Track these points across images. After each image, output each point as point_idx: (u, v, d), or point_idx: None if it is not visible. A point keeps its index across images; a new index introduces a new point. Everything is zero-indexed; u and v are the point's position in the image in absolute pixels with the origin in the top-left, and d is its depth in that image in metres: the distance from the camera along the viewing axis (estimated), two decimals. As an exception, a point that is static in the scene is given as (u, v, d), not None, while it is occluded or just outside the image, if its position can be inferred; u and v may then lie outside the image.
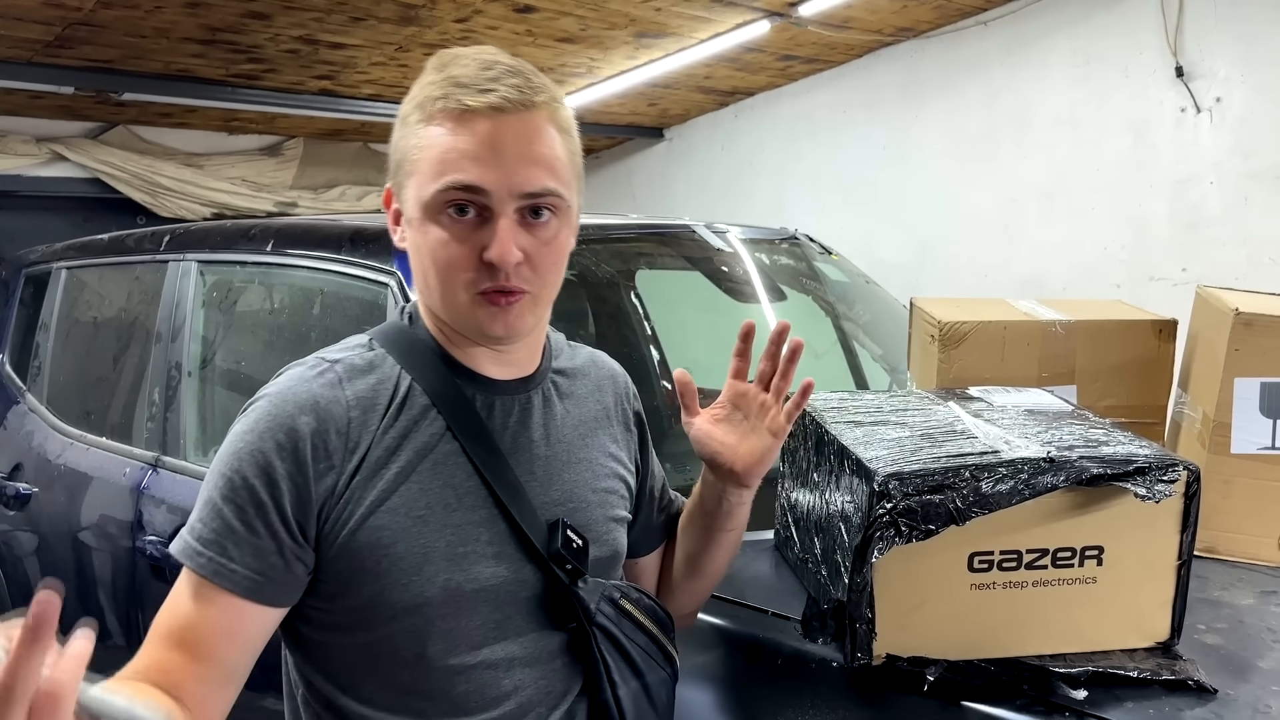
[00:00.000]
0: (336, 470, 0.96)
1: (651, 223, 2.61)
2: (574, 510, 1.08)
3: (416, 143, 0.99)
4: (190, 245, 2.47)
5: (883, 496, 1.15)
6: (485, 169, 0.95)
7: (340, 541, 0.96)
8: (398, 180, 1.03)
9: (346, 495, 0.96)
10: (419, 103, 1.00)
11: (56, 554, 2.57)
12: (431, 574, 0.97)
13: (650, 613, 1.12)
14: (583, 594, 1.04)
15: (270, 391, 0.99)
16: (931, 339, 1.74)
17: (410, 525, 0.97)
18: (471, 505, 1.01)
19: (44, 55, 4.52)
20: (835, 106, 5.48)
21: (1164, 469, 1.19)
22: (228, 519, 0.94)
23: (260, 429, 0.96)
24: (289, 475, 0.94)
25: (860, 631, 1.20)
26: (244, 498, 0.94)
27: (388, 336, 1.07)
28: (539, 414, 1.10)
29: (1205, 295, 1.71)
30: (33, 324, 3.04)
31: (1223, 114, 3.97)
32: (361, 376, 1.02)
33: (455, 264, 0.97)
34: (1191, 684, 1.16)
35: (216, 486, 0.96)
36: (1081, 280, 4.38)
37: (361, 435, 0.98)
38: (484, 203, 0.96)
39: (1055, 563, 1.21)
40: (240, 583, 0.94)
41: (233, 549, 0.94)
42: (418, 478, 0.99)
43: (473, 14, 4.27)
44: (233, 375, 2.39)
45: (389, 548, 0.96)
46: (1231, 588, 1.49)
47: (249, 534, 0.94)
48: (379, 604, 0.96)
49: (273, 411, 0.96)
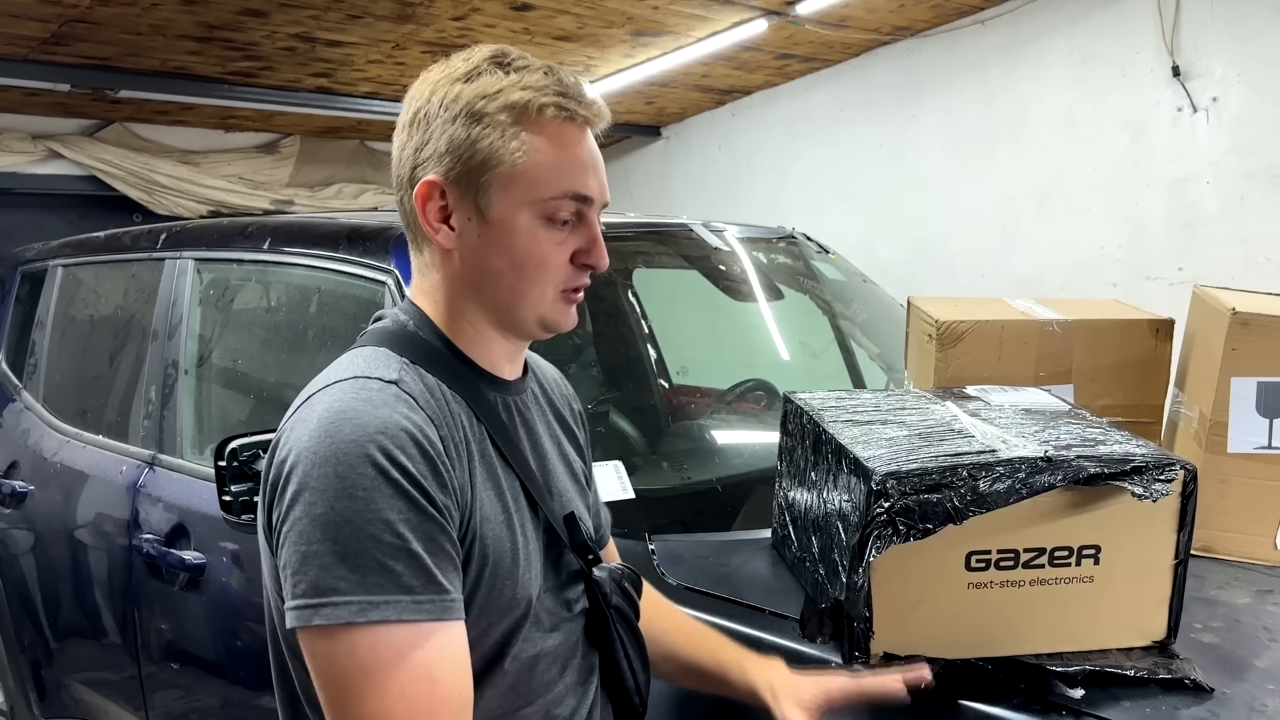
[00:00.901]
0: (451, 485, 0.94)
1: (649, 221, 2.61)
2: (569, 502, 1.13)
3: (518, 145, 0.99)
4: (187, 243, 2.47)
5: (880, 495, 1.15)
6: (592, 178, 1.03)
7: (465, 551, 0.96)
8: (470, 177, 1.00)
9: (463, 507, 0.96)
10: (510, 104, 0.99)
11: (52, 552, 2.57)
12: (519, 575, 1.01)
13: (636, 587, 1.17)
14: (600, 580, 1.09)
15: (373, 424, 0.90)
16: (929, 338, 1.74)
17: (498, 530, 1.00)
18: (519, 506, 1.04)
19: (40, 52, 4.51)
20: (832, 105, 5.48)
21: (1161, 468, 1.19)
22: (424, 556, 0.89)
23: (401, 460, 0.89)
24: (441, 494, 0.92)
25: (858, 630, 1.20)
26: (429, 528, 0.90)
27: (403, 344, 1.03)
28: (534, 411, 1.14)
29: (1202, 295, 1.71)
30: (29, 322, 3.03)
31: (1219, 114, 3.98)
32: (421, 393, 0.97)
33: (556, 265, 1.02)
34: (1188, 683, 1.16)
35: (393, 533, 0.87)
36: (1078, 279, 4.39)
37: (454, 450, 0.96)
38: (584, 210, 1.03)
39: (1052, 562, 1.21)
40: (459, 607, 0.92)
41: (444, 580, 0.90)
42: (484, 486, 1.00)
43: (470, 12, 4.27)
44: (229, 373, 2.38)
45: (490, 554, 0.98)
46: (1228, 587, 1.50)
47: (446, 560, 0.91)
48: (486, 611, 0.98)
49: (398, 442, 0.90)
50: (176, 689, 2.23)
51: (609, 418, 2.17)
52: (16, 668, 2.79)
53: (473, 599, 0.97)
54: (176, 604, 2.14)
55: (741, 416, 2.49)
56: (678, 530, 1.70)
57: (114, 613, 2.36)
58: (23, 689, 2.77)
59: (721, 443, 2.40)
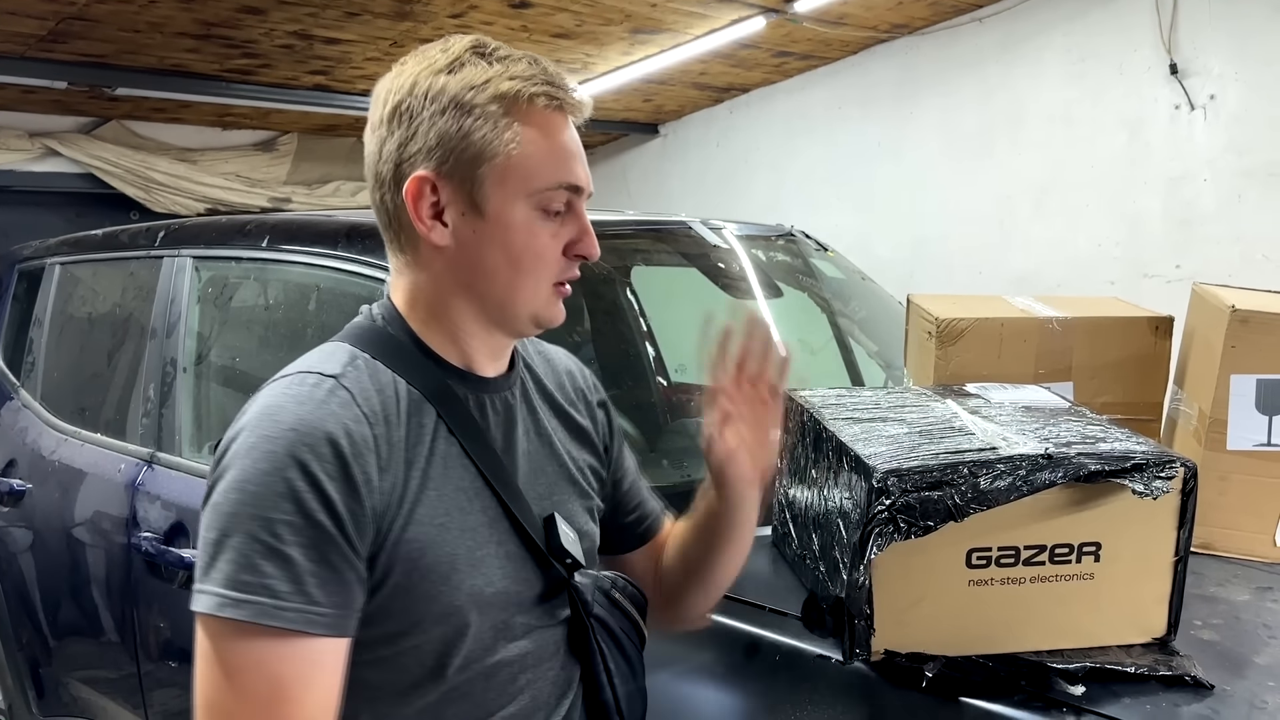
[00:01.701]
0: (375, 488, 0.92)
1: (647, 219, 2.61)
2: (559, 503, 1.09)
3: (512, 136, 0.97)
4: (185, 241, 2.46)
5: (881, 493, 1.15)
6: (582, 169, 1.02)
7: (380, 560, 0.93)
8: (462, 171, 0.98)
9: (385, 513, 0.93)
10: (498, 94, 0.97)
11: (51, 550, 2.56)
12: (458, 582, 0.96)
13: (634, 599, 1.13)
14: (581, 587, 1.05)
15: (289, 420, 0.90)
16: (928, 335, 1.74)
17: (435, 534, 0.96)
18: (480, 507, 1.00)
19: (37, 50, 4.50)
20: (830, 103, 5.48)
21: (1161, 466, 1.19)
22: (300, 563, 0.87)
23: (303, 460, 0.88)
24: (346, 503, 0.89)
25: (859, 628, 1.20)
26: (313, 535, 0.87)
27: (366, 340, 1.02)
28: (521, 409, 1.09)
29: (1201, 292, 1.71)
30: (26, 320, 3.02)
31: (1216, 111, 3.98)
32: (367, 389, 0.96)
33: (550, 257, 1.00)
34: (1188, 679, 1.16)
35: (271, 533, 0.86)
36: (1075, 277, 4.39)
37: (389, 450, 0.94)
38: (574, 200, 1.01)
39: (1053, 559, 1.21)
40: (334, 624, 0.89)
41: (317, 592, 0.87)
42: (433, 484, 0.97)
43: (468, 9, 4.26)
44: (228, 371, 2.38)
45: (418, 560, 0.94)
46: (1228, 584, 1.50)
47: (329, 571, 0.88)
48: (409, 618, 0.95)
49: (308, 441, 0.89)
50: (175, 687, 2.23)
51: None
52: (15, 666, 2.79)
53: (393, 606, 0.93)
54: (175, 602, 2.13)
55: (740, 414, 2.48)
56: (677, 528, 1.70)
57: (113, 611, 2.35)
58: (21, 687, 2.77)
59: (720, 440, 2.39)
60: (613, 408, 1.26)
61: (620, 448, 1.25)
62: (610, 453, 1.23)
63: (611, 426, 1.24)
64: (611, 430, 1.24)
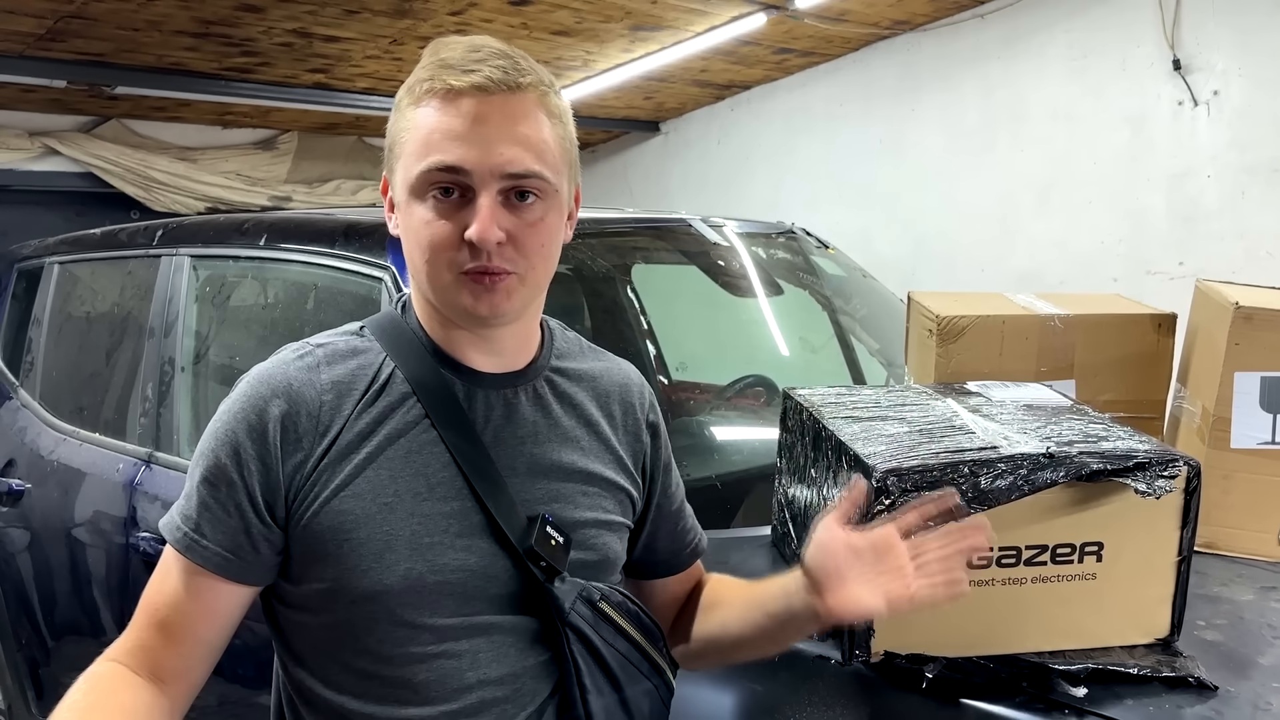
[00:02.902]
0: (305, 452, 0.97)
1: (648, 217, 2.60)
2: (559, 509, 1.05)
3: (405, 125, 0.99)
4: (183, 240, 2.46)
5: (881, 492, 1.14)
6: (467, 148, 0.95)
7: (304, 524, 0.97)
8: (390, 166, 1.03)
9: (313, 478, 0.97)
10: (409, 86, 1.00)
11: (49, 550, 2.56)
12: (392, 561, 0.96)
13: (634, 619, 1.07)
14: (557, 592, 1.01)
15: (251, 374, 1.02)
16: (929, 333, 1.73)
17: (376, 511, 0.97)
18: (444, 496, 0.99)
19: (36, 48, 4.49)
20: (831, 100, 5.47)
21: (1164, 465, 1.18)
22: (204, 497, 0.98)
23: (235, 410, 0.99)
24: (258, 456, 0.96)
25: (858, 629, 1.19)
26: (217, 476, 0.97)
27: (379, 324, 1.08)
28: (528, 410, 1.06)
29: (1205, 289, 1.70)
30: (25, 319, 3.02)
31: (1220, 107, 3.97)
32: (342, 361, 1.02)
33: (439, 243, 0.97)
34: (1192, 681, 1.15)
35: (197, 464, 0.99)
36: (1078, 274, 4.38)
37: (334, 419, 0.99)
38: (466, 182, 0.96)
39: (1055, 559, 1.20)
40: (211, 559, 0.97)
41: (206, 527, 0.97)
42: (388, 464, 0.99)
43: (467, 6, 4.25)
44: (226, 370, 2.37)
45: (350, 532, 0.96)
46: (1231, 583, 1.49)
47: (222, 513, 0.97)
48: (339, 589, 0.97)
49: (249, 393, 0.99)
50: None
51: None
52: (14, 666, 2.78)
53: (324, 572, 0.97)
54: (174, 602, 2.12)
55: (740, 412, 2.48)
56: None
57: (112, 611, 2.35)
58: (21, 687, 2.77)
59: (720, 439, 2.39)
60: (665, 436, 1.21)
61: (667, 476, 1.21)
62: (652, 477, 1.18)
63: (659, 451, 1.19)
64: (659, 455, 1.19)
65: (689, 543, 1.24)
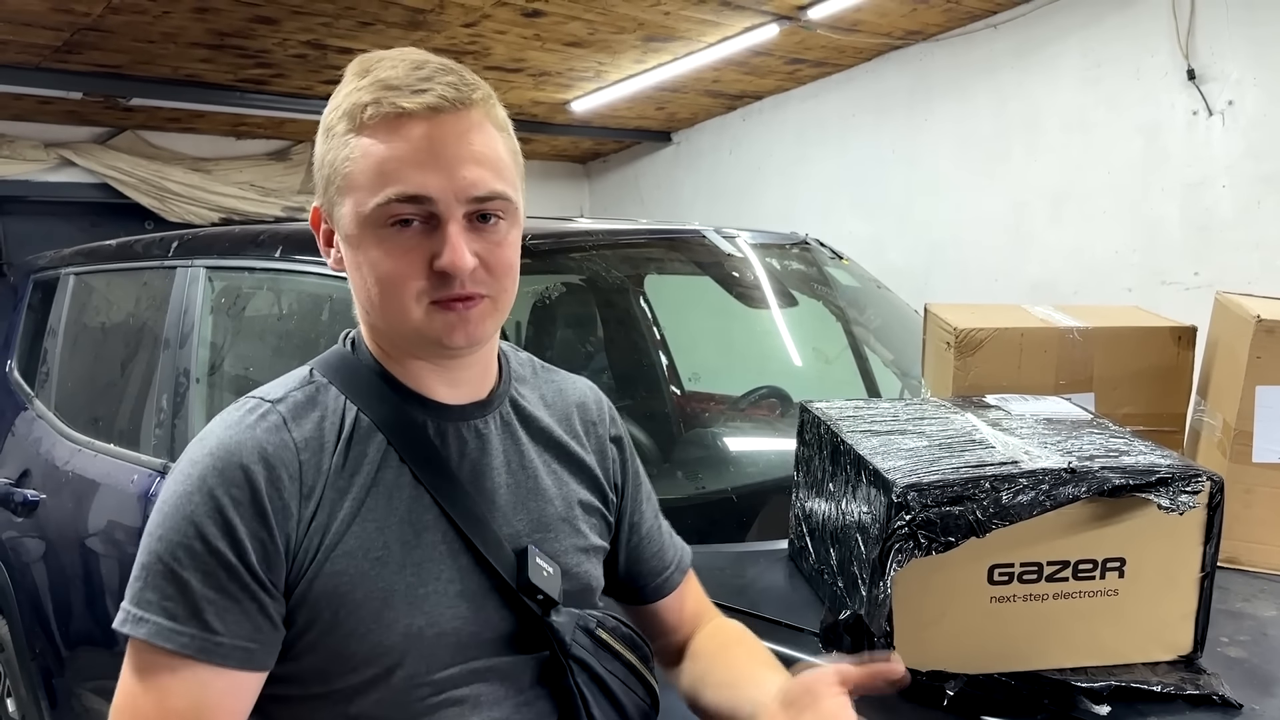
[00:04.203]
0: (295, 518, 0.90)
1: (660, 228, 2.60)
2: (541, 539, 1.02)
3: (348, 154, 0.92)
4: (198, 251, 2.47)
5: (901, 508, 1.13)
6: (428, 174, 0.90)
7: (301, 592, 0.90)
8: (329, 198, 0.96)
9: (305, 543, 0.90)
10: (346, 111, 0.93)
11: (64, 560, 2.56)
12: (391, 620, 0.91)
13: (628, 641, 1.06)
14: (557, 625, 0.98)
15: (210, 445, 0.91)
16: (947, 346, 1.72)
17: (369, 568, 0.91)
18: (431, 541, 0.95)
19: (53, 60, 4.53)
20: (844, 110, 5.47)
21: (1187, 479, 1.16)
22: (197, 589, 0.86)
23: (210, 486, 0.88)
24: (253, 532, 0.88)
25: (878, 645, 1.18)
26: (210, 563, 0.87)
27: (329, 365, 1.01)
28: (498, 439, 1.03)
29: (1225, 302, 1.68)
30: (41, 330, 3.03)
31: (1235, 117, 3.95)
32: (306, 414, 0.95)
33: (404, 277, 0.91)
34: (1216, 698, 1.14)
35: (172, 556, 0.87)
36: (1092, 284, 4.36)
37: (315, 478, 0.92)
38: (431, 210, 0.90)
39: (1076, 575, 1.19)
40: (234, 655, 0.87)
41: (216, 621, 0.86)
42: (372, 515, 0.93)
43: (481, 18, 4.27)
44: (241, 382, 2.38)
45: (347, 594, 0.90)
46: (1254, 599, 1.47)
47: (229, 601, 0.87)
48: (337, 654, 0.91)
49: (220, 466, 0.89)
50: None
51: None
52: (28, 676, 2.79)
53: (322, 643, 0.90)
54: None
55: (755, 424, 2.47)
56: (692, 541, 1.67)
57: (125, 622, 2.35)
58: (35, 698, 2.77)
59: (735, 451, 2.38)
60: (631, 447, 1.19)
61: (638, 490, 1.19)
62: (623, 491, 1.16)
63: (625, 463, 1.17)
64: (625, 467, 1.17)
65: (671, 560, 1.21)
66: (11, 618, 2.80)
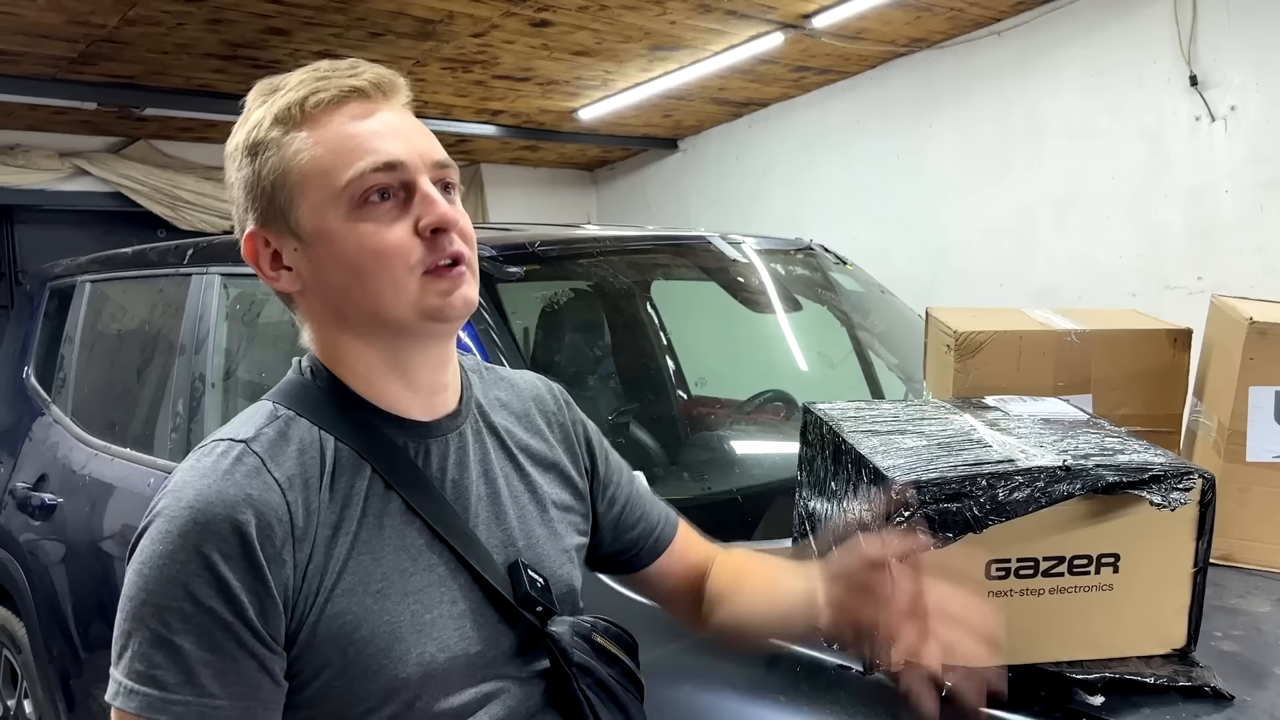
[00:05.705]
0: (290, 564, 0.86)
1: (667, 234, 2.63)
2: (527, 548, 1.01)
3: (296, 149, 0.91)
4: (213, 258, 2.51)
5: (900, 505, 1.16)
6: (396, 142, 0.91)
7: (303, 640, 0.87)
8: (274, 210, 0.93)
9: (304, 589, 0.86)
10: (276, 118, 0.93)
11: (81, 563, 2.60)
12: (402, 652, 0.89)
13: (619, 641, 1.06)
14: (556, 635, 0.98)
15: (188, 498, 0.85)
16: (947, 348, 1.75)
17: (371, 603, 0.88)
18: (428, 565, 0.93)
19: (67, 71, 4.58)
20: (849, 117, 5.50)
21: (1179, 477, 1.19)
22: (191, 653, 0.82)
23: (194, 542, 0.83)
24: (248, 586, 0.83)
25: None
26: (204, 623, 0.82)
27: (292, 395, 0.96)
28: (473, 451, 1.01)
29: (1220, 304, 1.71)
30: (57, 337, 3.07)
31: (1237, 122, 3.97)
32: (282, 451, 0.90)
33: (396, 249, 0.90)
34: (1208, 690, 1.16)
35: (160, 622, 0.82)
36: (1097, 289, 4.38)
37: (306, 520, 0.87)
38: (403, 179, 0.91)
39: (1072, 570, 1.21)
40: (232, 718, 0.83)
41: (213, 684, 0.82)
42: (367, 548, 0.90)
43: (490, 29, 4.31)
44: (255, 387, 2.41)
45: (353, 634, 0.87)
46: (1248, 595, 1.49)
47: (227, 662, 0.82)
48: (354, 698, 0.88)
49: (203, 520, 0.83)
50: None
51: (628, 429, 2.19)
52: (45, 678, 2.82)
53: (333, 688, 0.87)
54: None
55: (760, 427, 2.50)
56: (699, 540, 1.72)
57: (142, 623, 2.38)
58: (52, 700, 2.80)
59: (741, 453, 2.41)
60: (591, 424, 1.19)
61: (608, 464, 1.18)
62: (596, 474, 1.16)
63: (592, 445, 1.17)
64: (592, 449, 1.16)
65: (658, 519, 1.22)
66: (29, 620, 2.83)
